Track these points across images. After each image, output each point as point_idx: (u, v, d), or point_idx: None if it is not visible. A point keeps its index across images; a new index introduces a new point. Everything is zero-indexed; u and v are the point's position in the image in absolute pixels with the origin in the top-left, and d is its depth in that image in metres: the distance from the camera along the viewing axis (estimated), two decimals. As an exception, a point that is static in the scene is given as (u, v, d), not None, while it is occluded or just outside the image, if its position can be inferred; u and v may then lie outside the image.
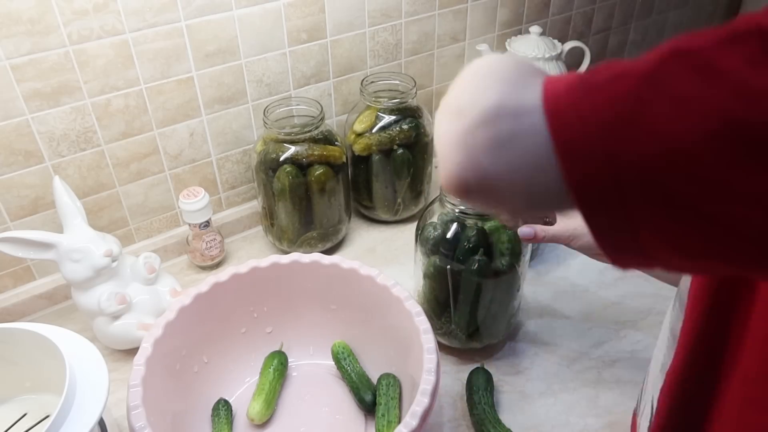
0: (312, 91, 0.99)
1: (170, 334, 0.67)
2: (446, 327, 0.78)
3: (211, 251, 0.94)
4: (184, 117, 0.89)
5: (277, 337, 0.79)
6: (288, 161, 0.87)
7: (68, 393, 0.54)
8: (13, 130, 0.77)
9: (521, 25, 1.17)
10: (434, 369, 0.61)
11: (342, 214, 0.96)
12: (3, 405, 0.65)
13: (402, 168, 0.97)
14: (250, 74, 0.91)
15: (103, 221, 0.90)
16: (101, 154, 0.85)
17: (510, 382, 0.77)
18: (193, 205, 0.89)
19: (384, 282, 0.71)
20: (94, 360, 0.59)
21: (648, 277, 0.93)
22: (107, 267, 0.75)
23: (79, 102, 0.79)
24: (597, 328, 0.85)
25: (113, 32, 0.77)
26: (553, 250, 0.98)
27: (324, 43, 0.96)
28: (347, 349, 0.77)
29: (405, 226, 1.04)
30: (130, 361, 0.64)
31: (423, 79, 1.11)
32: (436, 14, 1.05)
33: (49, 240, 0.72)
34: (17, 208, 0.82)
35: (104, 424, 0.63)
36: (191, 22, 0.82)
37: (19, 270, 0.87)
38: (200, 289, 0.71)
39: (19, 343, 0.61)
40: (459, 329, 0.77)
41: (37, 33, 0.73)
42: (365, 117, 0.95)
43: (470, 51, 1.14)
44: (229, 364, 0.76)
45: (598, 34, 1.34)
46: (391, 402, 0.69)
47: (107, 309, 0.75)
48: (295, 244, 0.95)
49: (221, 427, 0.69)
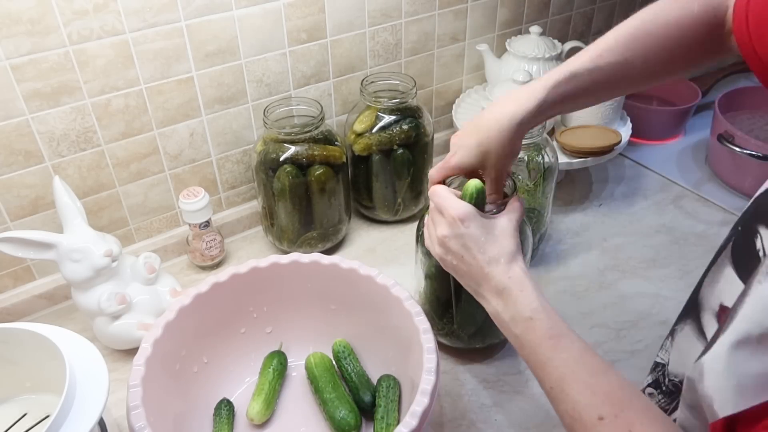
0: (312, 91, 0.99)
1: (170, 334, 0.67)
2: (448, 327, 0.78)
3: (211, 251, 0.94)
4: (184, 117, 0.89)
5: (277, 337, 0.79)
6: (288, 161, 0.87)
7: (68, 393, 0.54)
8: (13, 130, 0.77)
9: (521, 25, 1.17)
10: (434, 369, 0.61)
11: (342, 214, 0.96)
12: (3, 405, 0.65)
13: (402, 168, 0.97)
14: (250, 74, 0.91)
15: (103, 221, 0.90)
16: (101, 154, 0.85)
17: (510, 382, 0.77)
18: (193, 205, 0.89)
19: (384, 282, 0.71)
20: (94, 360, 0.59)
21: (648, 276, 0.93)
22: (107, 267, 0.75)
23: (79, 102, 0.79)
24: (597, 328, 0.85)
25: (113, 32, 0.77)
26: (553, 250, 0.98)
27: (324, 43, 0.96)
28: (348, 347, 0.77)
29: (405, 226, 1.04)
30: (130, 361, 0.64)
31: (423, 79, 1.11)
32: (436, 14, 1.05)
33: (49, 240, 0.73)
34: (17, 208, 0.82)
35: (104, 424, 0.63)
36: (191, 22, 0.82)
37: (19, 270, 0.87)
38: (200, 289, 0.71)
39: (19, 343, 0.61)
40: (461, 329, 0.77)
41: (37, 33, 0.73)
42: (365, 117, 0.95)
43: (470, 51, 1.14)
44: (229, 364, 0.76)
45: (598, 34, 1.32)
46: (391, 405, 0.69)
47: (107, 309, 0.76)
48: (295, 244, 0.95)
49: (221, 426, 0.69)
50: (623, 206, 1.08)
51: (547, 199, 0.90)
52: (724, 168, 1.12)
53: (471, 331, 0.77)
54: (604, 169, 1.17)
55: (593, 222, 1.04)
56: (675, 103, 1.27)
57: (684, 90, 1.26)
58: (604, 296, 0.90)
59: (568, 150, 1.01)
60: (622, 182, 1.14)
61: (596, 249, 0.99)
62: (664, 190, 1.11)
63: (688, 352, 0.53)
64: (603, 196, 1.10)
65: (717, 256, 0.51)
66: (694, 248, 0.97)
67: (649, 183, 1.13)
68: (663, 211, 1.07)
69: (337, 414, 0.69)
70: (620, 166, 1.18)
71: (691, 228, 1.03)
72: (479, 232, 0.59)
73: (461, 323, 0.76)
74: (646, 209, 1.07)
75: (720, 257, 0.50)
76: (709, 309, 0.50)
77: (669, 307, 0.87)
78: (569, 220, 1.05)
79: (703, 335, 0.50)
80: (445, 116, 1.19)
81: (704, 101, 1.27)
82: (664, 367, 0.57)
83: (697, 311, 0.52)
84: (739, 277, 0.46)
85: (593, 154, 1.00)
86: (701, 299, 0.52)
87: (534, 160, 0.85)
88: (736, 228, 0.49)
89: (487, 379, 0.78)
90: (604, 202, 1.09)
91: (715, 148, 1.11)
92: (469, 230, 0.58)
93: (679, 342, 0.55)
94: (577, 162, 1.01)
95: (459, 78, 1.17)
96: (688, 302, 0.55)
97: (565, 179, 1.12)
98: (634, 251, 0.98)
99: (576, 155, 1.01)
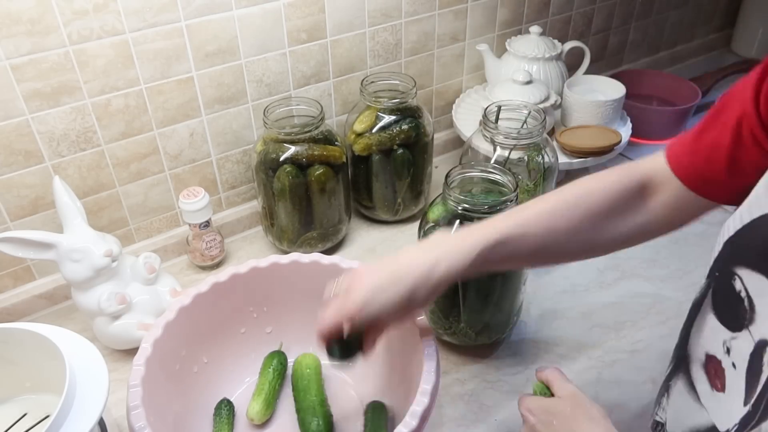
0: (312, 91, 0.99)
1: (170, 334, 0.67)
2: (455, 326, 0.78)
3: (211, 251, 0.94)
4: (184, 117, 0.89)
5: (277, 337, 0.79)
6: (288, 161, 0.87)
7: (68, 393, 0.54)
8: (13, 130, 0.77)
9: (521, 25, 1.17)
10: (434, 369, 0.61)
11: (342, 214, 0.96)
12: (3, 405, 0.65)
13: (402, 168, 0.97)
14: (250, 74, 0.91)
15: (103, 221, 0.90)
16: (101, 154, 0.85)
17: (510, 381, 0.77)
18: (193, 205, 0.89)
19: (384, 282, 0.70)
20: (94, 360, 0.59)
21: (648, 276, 0.93)
22: (107, 267, 0.75)
23: (79, 102, 0.79)
24: (597, 328, 0.85)
25: (113, 32, 0.77)
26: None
27: (324, 43, 0.96)
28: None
29: (405, 226, 1.04)
30: (130, 361, 0.64)
31: (423, 79, 1.11)
32: (436, 14, 1.05)
33: (49, 240, 0.72)
34: (17, 208, 0.82)
35: (104, 424, 0.63)
36: (191, 22, 0.82)
37: (19, 270, 0.87)
38: (200, 289, 0.71)
39: (19, 343, 0.61)
40: (469, 327, 0.77)
41: (37, 33, 0.73)
42: (365, 117, 0.95)
43: (470, 51, 1.14)
44: (229, 365, 0.76)
45: (598, 34, 1.34)
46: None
47: (107, 309, 0.76)
48: (295, 244, 0.95)
49: (221, 426, 0.69)
50: (623, 206, 1.08)
51: (547, 199, 0.90)
52: (724, 168, 1.12)
53: (479, 328, 0.78)
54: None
55: (593, 222, 1.04)
56: (675, 103, 1.27)
57: (684, 90, 1.26)
58: (604, 296, 0.90)
59: (568, 150, 1.01)
60: (622, 182, 1.14)
61: (596, 249, 0.98)
62: (664, 190, 1.11)
63: (683, 409, 0.52)
64: (603, 196, 1.10)
65: (697, 307, 0.51)
66: (694, 248, 0.97)
67: (649, 183, 1.13)
68: (663, 211, 1.06)
69: (307, 421, 0.69)
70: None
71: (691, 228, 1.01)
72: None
73: (469, 320, 0.77)
74: (646, 209, 1.07)
75: (701, 308, 0.50)
76: (697, 360, 0.50)
77: (669, 307, 0.87)
78: (569, 220, 1.04)
79: (693, 389, 0.51)
80: (445, 116, 1.19)
81: (704, 101, 1.27)
82: (663, 426, 0.56)
83: (686, 364, 0.52)
84: (722, 323, 0.46)
85: (593, 154, 1.00)
86: (689, 351, 0.52)
87: (534, 160, 0.85)
88: (712, 275, 0.49)
89: (487, 379, 0.78)
90: (604, 202, 1.09)
91: (715, 148, 1.11)
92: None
93: (674, 399, 0.55)
94: (577, 162, 1.01)
95: (459, 78, 1.17)
96: (677, 357, 0.55)
97: (565, 179, 1.12)
98: (634, 251, 0.97)
99: (576, 155, 1.01)
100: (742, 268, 0.44)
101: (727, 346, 0.45)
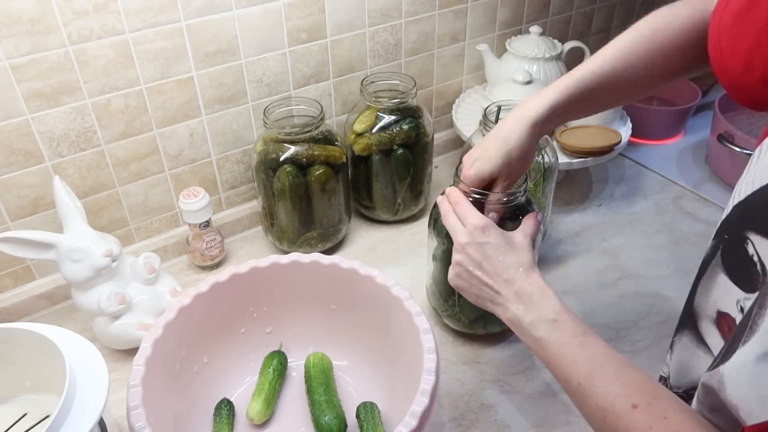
0: (312, 91, 0.99)
1: (170, 334, 0.67)
2: (451, 309, 0.81)
3: (211, 251, 0.94)
4: (184, 117, 0.89)
5: (277, 337, 0.79)
6: (288, 161, 0.87)
7: (68, 393, 0.54)
8: (13, 130, 0.77)
9: (521, 25, 1.17)
10: (434, 369, 0.61)
11: (342, 214, 0.96)
12: (3, 405, 0.65)
13: (402, 168, 0.97)
14: (250, 74, 0.91)
15: (103, 221, 0.90)
16: (101, 154, 0.85)
17: (510, 381, 0.77)
18: (193, 205, 0.89)
19: (384, 282, 0.71)
20: (94, 360, 0.59)
21: (648, 276, 0.93)
22: (107, 267, 0.75)
23: (79, 102, 0.80)
24: (597, 328, 0.84)
25: (113, 32, 0.77)
26: (553, 250, 0.98)
27: (324, 43, 0.96)
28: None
29: (405, 226, 1.04)
30: (130, 361, 0.64)
31: (423, 79, 1.11)
32: (436, 14, 1.05)
33: (49, 240, 0.73)
34: (17, 208, 0.82)
35: (104, 424, 0.63)
36: (191, 22, 0.82)
37: (19, 270, 0.87)
38: (200, 289, 0.71)
39: (19, 343, 0.61)
40: (462, 314, 0.80)
41: (37, 33, 0.73)
42: (365, 117, 0.95)
43: (470, 51, 1.14)
44: (229, 364, 0.76)
45: (598, 34, 1.34)
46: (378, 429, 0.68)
47: (107, 309, 0.76)
48: (295, 244, 0.95)
49: (221, 426, 0.69)
50: (623, 206, 1.08)
51: (547, 199, 0.90)
52: (724, 168, 1.12)
53: (472, 317, 0.80)
54: (604, 169, 1.17)
55: (593, 222, 1.04)
56: (675, 103, 1.27)
57: (684, 90, 1.26)
58: (604, 296, 0.90)
59: (568, 150, 1.01)
60: (622, 182, 1.14)
61: (596, 249, 0.99)
62: (664, 190, 1.11)
63: (689, 362, 0.53)
64: (603, 196, 1.10)
65: (705, 265, 0.51)
66: (694, 248, 0.97)
67: (649, 183, 1.13)
68: (663, 211, 1.07)
69: (322, 418, 0.69)
70: (620, 166, 1.18)
71: (691, 228, 1.03)
72: (498, 241, 0.62)
73: (462, 308, 0.79)
74: (646, 209, 1.07)
75: (710, 266, 0.50)
76: (707, 317, 0.50)
77: (669, 307, 0.87)
78: (569, 220, 1.05)
79: (703, 343, 0.51)
80: (445, 116, 1.19)
81: (704, 101, 1.27)
82: (666, 381, 0.57)
83: (693, 321, 0.52)
84: (735, 284, 0.46)
85: (593, 154, 1.00)
86: (696, 309, 0.52)
87: (534, 160, 0.85)
88: (721, 236, 0.49)
89: (487, 378, 0.78)
90: (604, 202, 1.09)
91: (715, 148, 1.11)
92: (489, 239, 0.61)
93: (678, 354, 0.55)
94: (577, 162, 1.01)
95: (459, 78, 1.17)
96: (683, 313, 0.56)
97: (565, 179, 1.12)
98: (634, 251, 0.98)
99: (576, 155, 1.01)
100: (754, 234, 0.43)
101: (740, 306, 0.45)
